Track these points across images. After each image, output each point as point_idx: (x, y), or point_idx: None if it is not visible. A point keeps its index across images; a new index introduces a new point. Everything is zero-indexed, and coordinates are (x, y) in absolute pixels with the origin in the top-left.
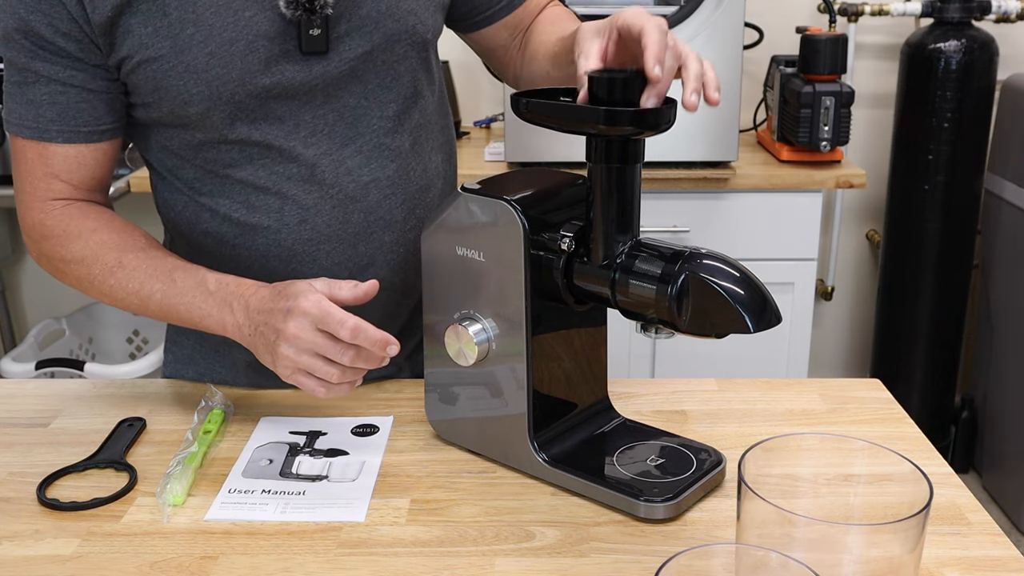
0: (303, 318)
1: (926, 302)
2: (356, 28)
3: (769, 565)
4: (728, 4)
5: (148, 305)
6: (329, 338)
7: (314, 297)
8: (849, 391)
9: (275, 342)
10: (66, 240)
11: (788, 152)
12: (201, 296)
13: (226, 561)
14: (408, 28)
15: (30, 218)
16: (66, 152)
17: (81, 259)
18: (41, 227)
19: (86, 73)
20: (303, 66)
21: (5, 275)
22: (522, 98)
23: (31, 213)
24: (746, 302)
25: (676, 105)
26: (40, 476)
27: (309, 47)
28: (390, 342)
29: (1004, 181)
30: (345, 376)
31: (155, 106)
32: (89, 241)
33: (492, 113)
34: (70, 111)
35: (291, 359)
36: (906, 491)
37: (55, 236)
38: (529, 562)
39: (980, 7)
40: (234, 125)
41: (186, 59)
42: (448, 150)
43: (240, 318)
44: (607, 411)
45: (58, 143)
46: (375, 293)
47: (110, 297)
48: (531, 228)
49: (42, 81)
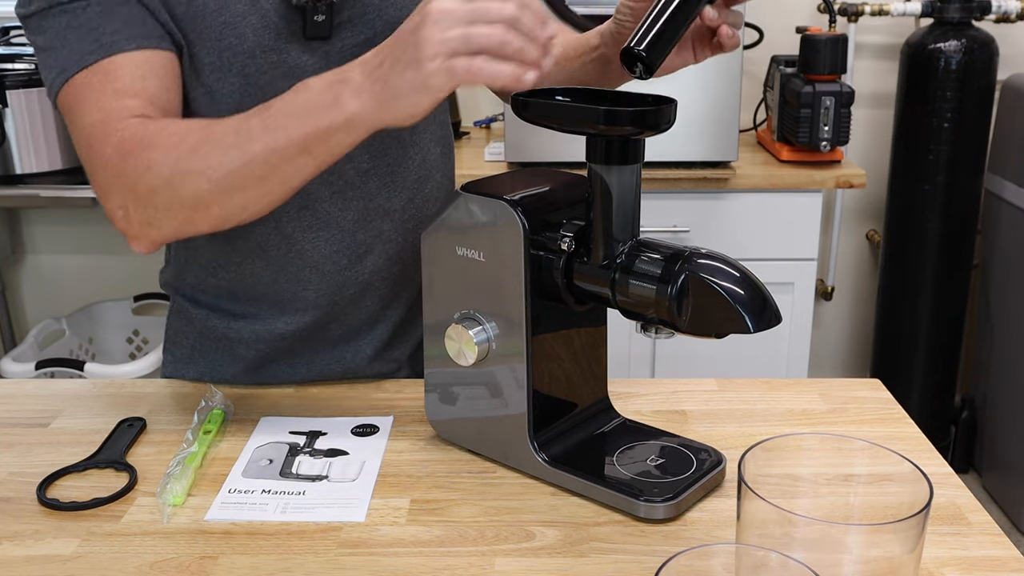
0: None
1: (926, 302)
2: (359, 15)
3: (769, 565)
4: None
5: (251, 150)
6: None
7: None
8: (849, 391)
9: (416, 39)
10: (147, 141)
11: (788, 152)
12: (304, 96)
13: (226, 561)
14: (409, 16)
15: (106, 147)
16: (136, 60)
17: (169, 146)
18: (120, 144)
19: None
20: (305, 50)
21: (5, 275)
22: (522, 98)
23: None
24: (746, 302)
25: (676, 105)
26: (40, 476)
27: (312, 32)
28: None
29: (1004, 181)
30: (509, 43)
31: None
32: (171, 129)
33: (492, 113)
34: (134, 19)
35: (439, 39)
36: (906, 491)
37: (136, 143)
38: (529, 562)
39: (980, 7)
40: (242, 102)
41: (199, 27)
42: (446, 144)
43: (358, 78)
44: (607, 411)
45: (128, 51)
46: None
47: (206, 174)
48: (531, 228)
49: (92, 5)
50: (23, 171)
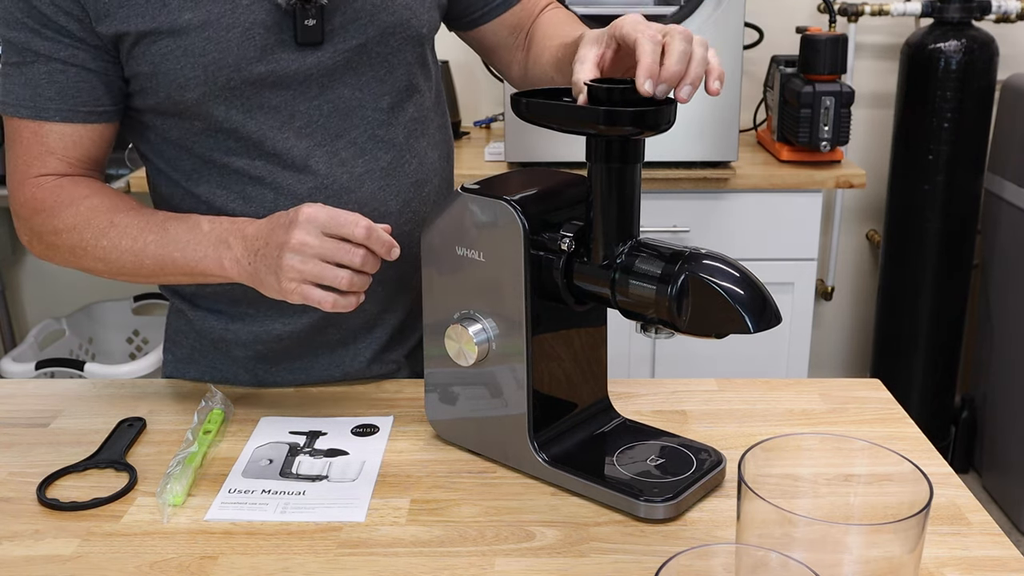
0: (308, 224)
1: (926, 302)
2: (351, 20)
3: (769, 565)
4: (728, 4)
5: (143, 260)
6: (336, 241)
7: (316, 205)
8: (849, 391)
9: (278, 257)
10: (57, 210)
11: (788, 152)
12: (196, 239)
13: (226, 561)
14: (403, 21)
15: (22, 195)
16: (63, 131)
17: (72, 226)
18: (32, 201)
19: (87, 53)
20: (298, 56)
21: (5, 275)
22: (522, 98)
23: (23, 189)
24: (746, 302)
25: (676, 105)
26: (40, 476)
27: (304, 38)
28: (394, 245)
29: (1004, 181)
30: (354, 282)
31: (152, 92)
32: (80, 207)
33: (492, 113)
34: (69, 90)
35: (297, 269)
36: (906, 491)
37: (47, 208)
38: (529, 562)
39: (980, 7)
40: (229, 114)
41: (183, 42)
42: (445, 149)
43: (238, 251)
44: (607, 411)
45: (56, 122)
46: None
47: (104, 261)
48: (531, 228)
49: (41, 60)
50: None
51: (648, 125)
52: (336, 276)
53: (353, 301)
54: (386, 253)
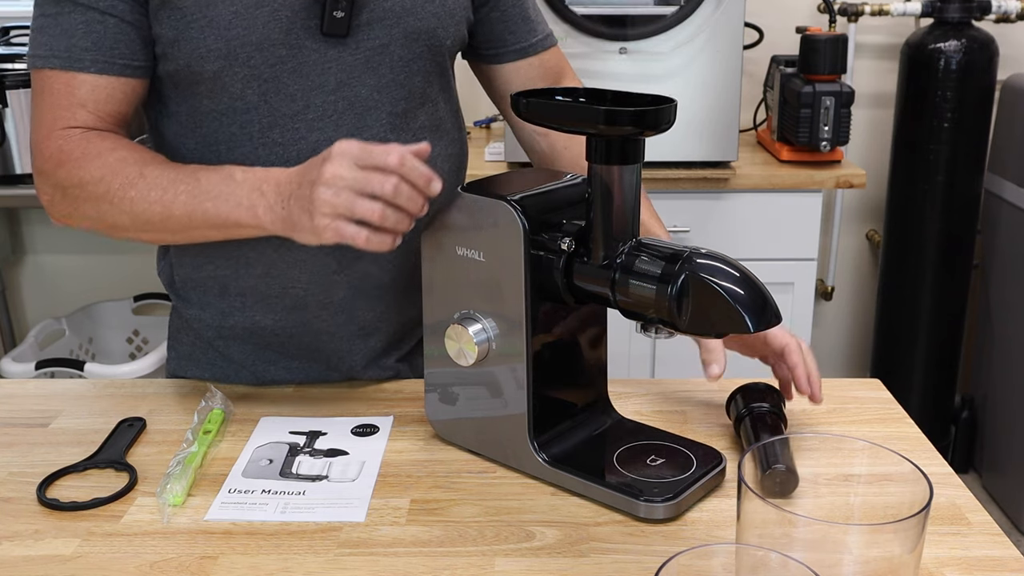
0: (342, 157)
1: (926, 302)
2: (378, 19)
3: (769, 565)
4: (728, 4)
5: (172, 211)
6: (368, 171)
7: (350, 140)
8: (849, 391)
9: (311, 193)
10: (84, 161)
11: (788, 152)
12: (229, 188)
13: (226, 561)
14: (429, 29)
15: (48, 148)
16: (96, 83)
17: (100, 177)
18: (59, 153)
19: (125, 3)
20: (321, 46)
21: (5, 275)
22: (522, 98)
23: (49, 142)
24: (746, 302)
25: (676, 105)
26: (40, 476)
27: (330, 28)
28: (433, 177)
29: (1004, 181)
30: (387, 216)
31: (172, 57)
32: (108, 158)
33: (492, 113)
34: (106, 41)
35: (329, 202)
36: (906, 491)
37: (73, 159)
38: (529, 562)
39: (980, 7)
40: (245, 92)
41: (210, 13)
42: (458, 163)
43: (271, 198)
44: (607, 411)
45: (90, 72)
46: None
47: (130, 214)
48: (531, 228)
49: (79, 10)
50: (23, 171)
51: (648, 125)
52: (369, 208)
53: (388, 240)
54: (425, 185)
